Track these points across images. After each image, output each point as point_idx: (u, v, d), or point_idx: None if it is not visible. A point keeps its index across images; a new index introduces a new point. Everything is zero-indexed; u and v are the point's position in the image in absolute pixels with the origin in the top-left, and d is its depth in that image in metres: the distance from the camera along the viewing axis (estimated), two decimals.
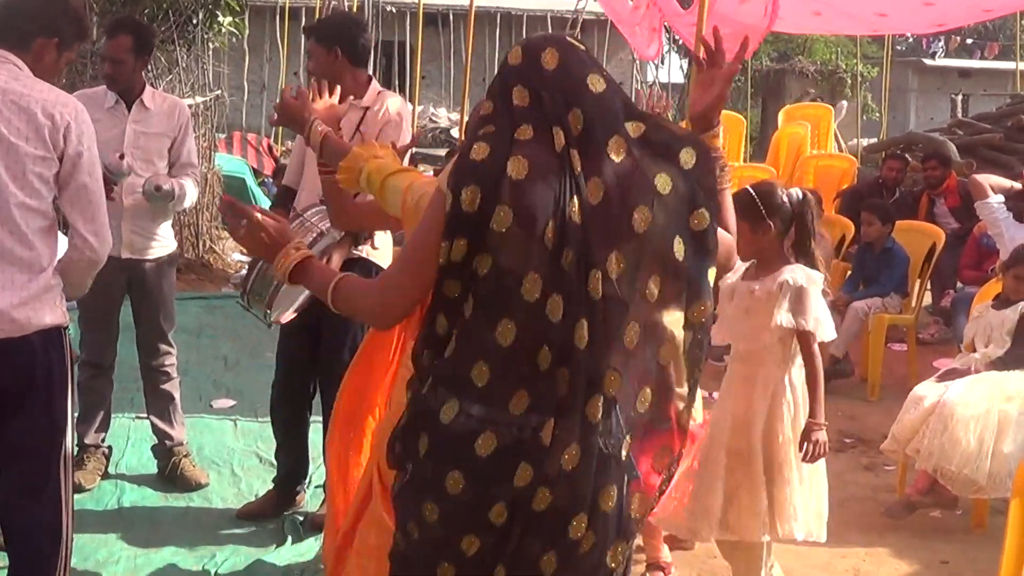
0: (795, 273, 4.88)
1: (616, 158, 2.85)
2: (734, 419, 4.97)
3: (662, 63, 35.37)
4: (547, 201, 2.80)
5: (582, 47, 3.03)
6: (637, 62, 30.91)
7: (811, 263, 5.04)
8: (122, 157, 5.94)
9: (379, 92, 5.92)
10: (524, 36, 30.52)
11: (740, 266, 5.06)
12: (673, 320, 2.93)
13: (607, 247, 2.81)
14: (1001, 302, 6.90)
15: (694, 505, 4.90)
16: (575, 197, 2.81)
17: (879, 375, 9.28)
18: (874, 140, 20.35)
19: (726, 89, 3.49)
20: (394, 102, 5.85)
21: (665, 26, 12.03)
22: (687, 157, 2.94)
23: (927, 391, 6.52)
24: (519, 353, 2.82)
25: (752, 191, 5.01)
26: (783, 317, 4.79)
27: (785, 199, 5.04)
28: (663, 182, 2.87)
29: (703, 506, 4.84)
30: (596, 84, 2.92)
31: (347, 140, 5.74)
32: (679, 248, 2.89)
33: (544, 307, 2.80)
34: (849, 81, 30.93)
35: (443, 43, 30.82)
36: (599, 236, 2.81)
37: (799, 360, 4.95)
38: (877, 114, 25.29)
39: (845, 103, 17.50)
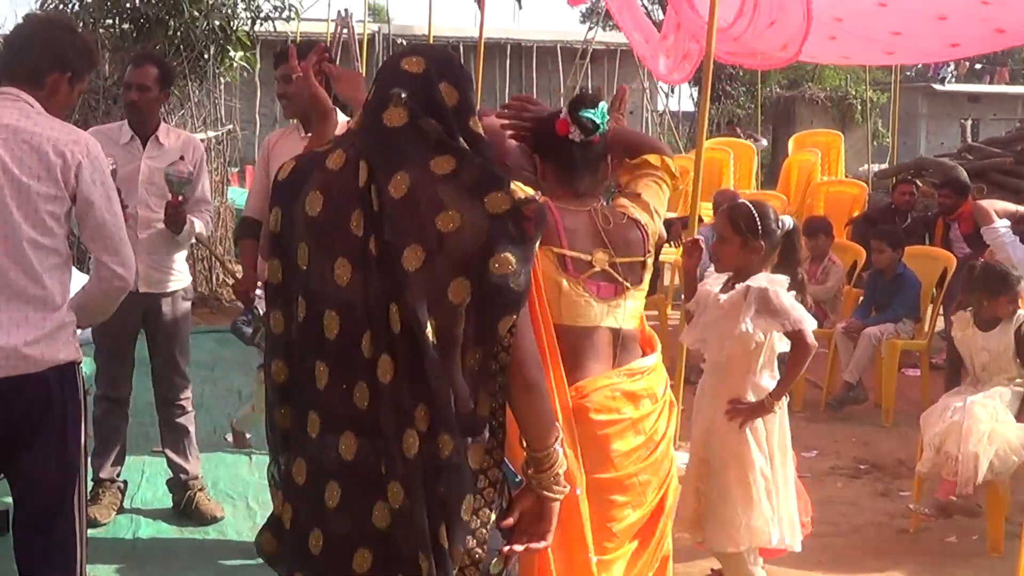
0: (757, 280, 4.91)
1: (396, 195, 2.82)
2: (703, 430, 5.04)
3: (672, 92, 35.52)
4: (341, 239, 2.86)
5: (412, 71, 2.97)
6: (647, 91, 30.94)
7: (801, 294, 5.10)
8: (182, 158, 6.04)
9: (347, 122, 5.99)
10: (534, 67, 30.79)
11: (717, 278, 5.11)
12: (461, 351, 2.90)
13: (389, 292, 2.82)
14: (987, 323, 6.87)
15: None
16: (372, 234, 2.83)
17: (893, 401, 9.26)
18: (884, 166, 20.31)
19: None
20: None
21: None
22: (496, 202, 2.85)
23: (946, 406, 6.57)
24: (338, 392, 2.90)
25: (752, 208, 5.05)
26: (749, 325, 4.82)
27: (777, 225, 5.09)
28: (445, 220, 2.81)
29: (679, 515, 4.81)
30: (396, 119, 2.89)
31: None
32: (460, 288, 2.83)
33: (349, 348, 2.86)
34: (859, 107, 30.95)
35: None
36: (379, 279, 2.83)
37: (768, 371, 5.00)
38: (887, 140, 25.23)
39: (764, 141, 17.26)
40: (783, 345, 5.05)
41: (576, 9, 46.78)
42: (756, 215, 5.01)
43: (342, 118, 5.86)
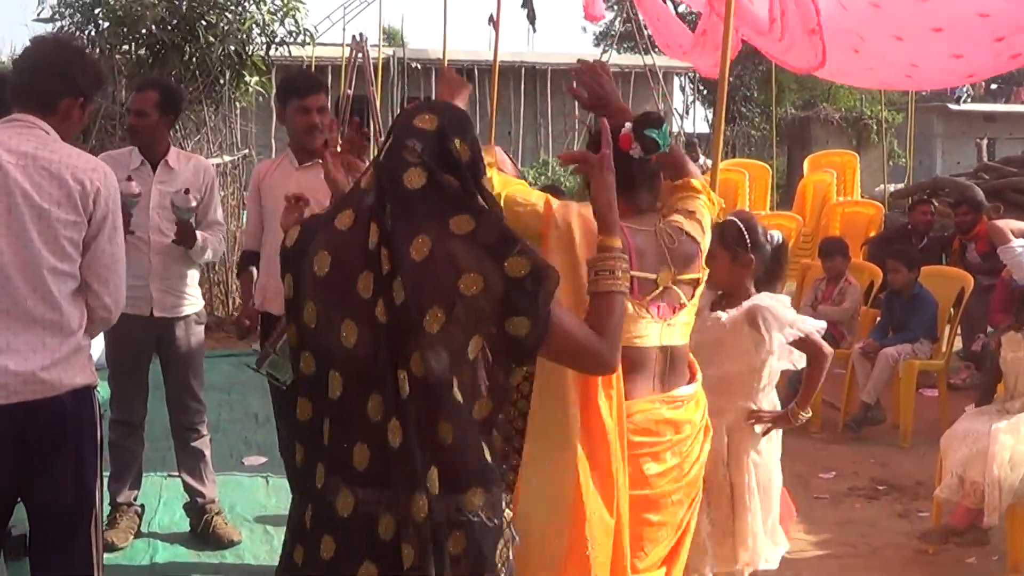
0: (760, 299, 4.90)
1: (417, 258, 2.82)
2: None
3: (688, 114, 35.58)
4: (349, 300, 2.86)
5: (426, 129, 2.95)
6: (663, 113, 30.97)
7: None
8: (187, 192, 6.00)
9: None
10: (549, 89, 30.83)
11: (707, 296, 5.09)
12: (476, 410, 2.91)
13: (409, 348, 2.81)
14: None
15: None
16: (380, 298, 2.82)
17: (911, 421, 9.23)
18: (900, 186, 20.29)
19: (599, 184, 3.36)
20: None
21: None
22: (515, 266, 2.85)
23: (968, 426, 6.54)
24: (339, 450, 2.90)
25: (739, 223, 5.03)
26: (771, 343, 4.80)
27: (767, 239, 5.09)
28: (468, 283, 2.82)
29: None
30: (415, 180, 2.88)
31: (320, 198, 5.88)
32: (476, 346, 2.85)
33: (352, 407, 2.87)
34: (874, 127, 30.94)
35: (468, 98, 30.96)
36: (399, 338, 2.82)
37: (771, 392, 4.99)
38: (903, 160, 25.20)
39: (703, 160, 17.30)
40: (783, 365, 5.03)
41: (590, 32, 46.91)
42: (744, 229, 5.00)
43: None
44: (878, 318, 10.26)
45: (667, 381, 4.00)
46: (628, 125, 3.93)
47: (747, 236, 4.98)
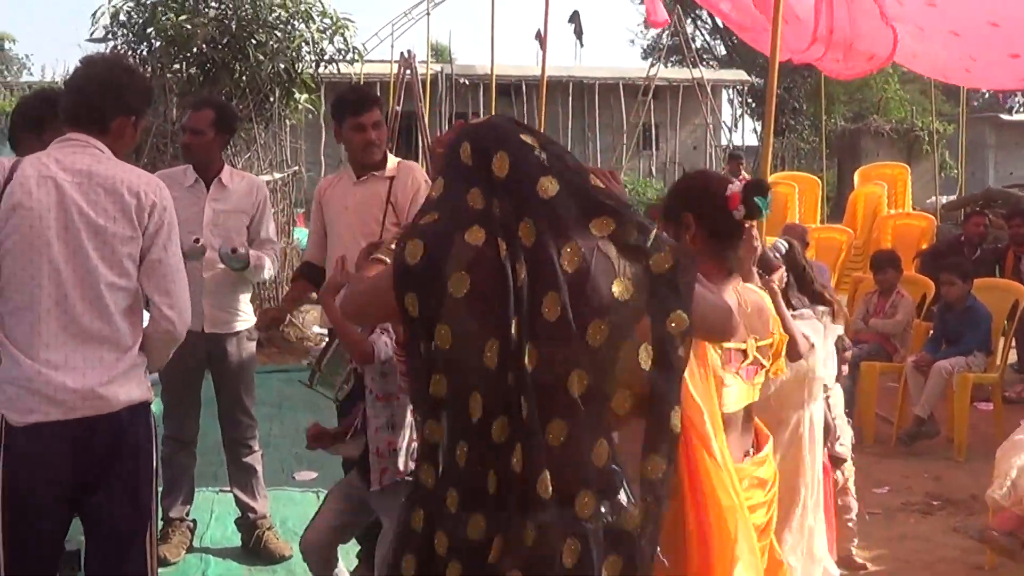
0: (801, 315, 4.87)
1: (569, 269, 2.78)
2: None
3: (736, 126, 35.53)
4: (489, 319, 2.78)
5: (534, 144, 2.92)
6: (711, 127, 30.95)
7: (820, 299, 5.05)
8: (197, 241, 6.01)
9: (399, 162, 6.04)
10: (596, 104, 30.85)
11: None
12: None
13: (565, 365, 2.77)
14: None
15: None
16: (518, 315, 2.76)
17: (965, 435, 9.14)
18: (952, 198, 20.16)
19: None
20: (418, 170, 5.99)
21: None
22: (659, 263, 2.85)
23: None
24: (474, 473, 2.83)
25: None
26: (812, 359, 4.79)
27: (774, 254, 5.05)
28: (621, 288, 2.80)
29: None
30: (549, 188, 2.83)
31: (375, 212, 5.89)
32: (644, 357, 2.83)
33: (489, 429, 2.80)
34: (926, 139, 30.75)
35: (516, 113, 31.02)
36: (554, 353, 2.77)
37: (820, 400, 4.97)
38: (955, 171, 25.05)
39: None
40: (827, 369, 5.01)
41: (638, 45, 46.86)
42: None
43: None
44: (931, 331, 10.18)
45: (743, 442, 3.99)
46: (739, 185, 3.92)
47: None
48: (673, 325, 2.85)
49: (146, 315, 4.23)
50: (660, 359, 2.85)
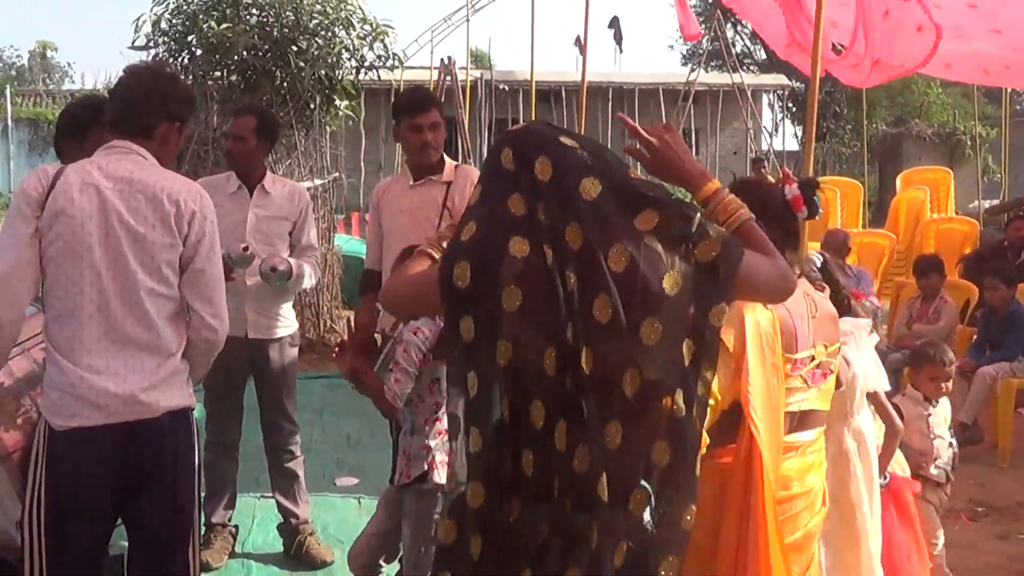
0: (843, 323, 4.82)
1: (618, 269, 2.78)
2: None
3: (776, 131, 35.38)
4: (543, 329, 2.79)
5: (574, 145, 2.93)
6: (751, 131, 30.85)
7: (853, 312, 5.00)
8: (246, 249, 6.03)
9: (456, 166, 6.01)
10: (636, 109, 30.81)
11: None
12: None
13: (622, 365, 2.78)
14: None
15: None
16: (570, 321, 2.77)
17: (1009, 441, 9.09)
18: (995, 202, 20.01)
19: (670, 152, 3.23)
20: (475, 175, 5.95)
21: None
22: (705, 250, 2.84)
23: None
24: (540, 480, 2.85)
25: None
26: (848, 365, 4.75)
27: (810, 268, 5.01)
28: (671, 282, 2.80)
29: None
30: (591, 189, 2.83)
31: (431, 216, 5.87)
32: (687, 353, 2.83)
33: (552, 435, 2.81)
34: (968, 143, 30.56)
35: (556, 119, 31.01)
36: (608, 355, 2.77)
37: (865, 411, 4.92)
38: (998, 175, 24.87)
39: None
40: (874, 383, 4.96)
41: (678, 51, 46.80)
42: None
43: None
44: (974, 336, 10.11)
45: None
46: (796, 187, 3.95)
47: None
48: (715, 318, 2.84)
49: None
50: (698, 351, 2.85)
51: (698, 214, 2.89)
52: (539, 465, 2.84)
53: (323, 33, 13.34)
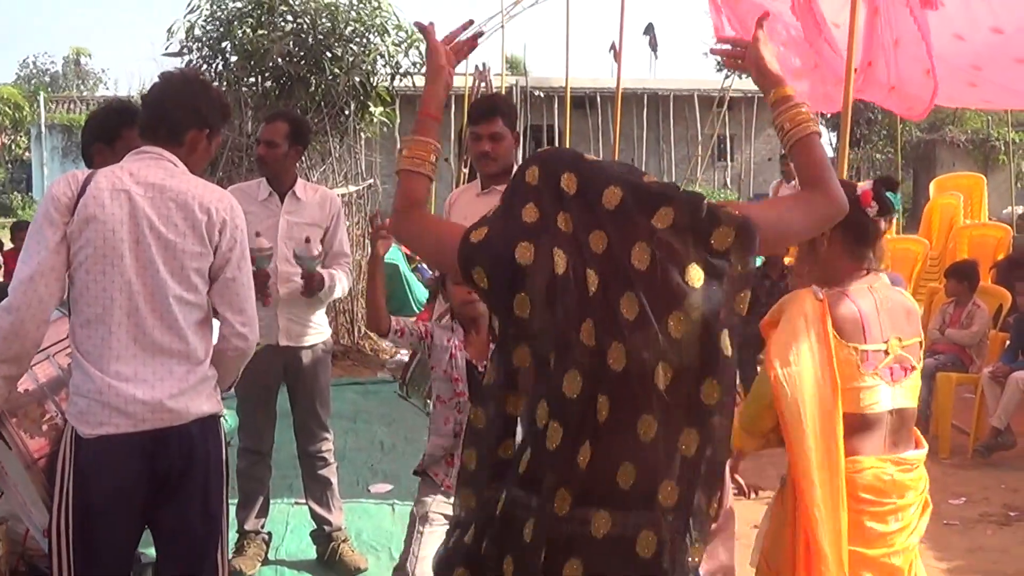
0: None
1: (641, 267, 2.83)
2: None
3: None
4: (573, 340, 2.83)
5: (592, 158, 3.02)
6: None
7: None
8: (308, 240, 6.09)
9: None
10: (671, 115, 30.77)
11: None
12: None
13: (652, 360, 2.81)
14: None
15: None
16: (589, 320, 2.81)
17: None
18: None
19: (763, 49, 3.32)
20: None
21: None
22: (721, 238, 2.88)
23: None
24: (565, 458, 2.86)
25: None
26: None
27: None
28: (694, 275, 2.84)
29: None
30: (613, 198, 2.90)
31: None
32: (725, 343, 2.86)
33: (591, 409, 2.85)
34: (1002, 149, 30.40)
35: (591, 125, 31.04)
36: (640, 350, 2.81)
37: None
38: None
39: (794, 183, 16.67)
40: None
41: (712, 57, 46.66)
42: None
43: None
44: (1007, 341, 10.08)
45: (897, 443, 3.96)
46: (869, 183, 3.97)
47: None
48: (739, 306, 2.89)
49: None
50: (727, 340, 2.88)
51: (705, 200, 2.93)
52: (598, 456, 2.86)
53: (358, 40, 13.37)
